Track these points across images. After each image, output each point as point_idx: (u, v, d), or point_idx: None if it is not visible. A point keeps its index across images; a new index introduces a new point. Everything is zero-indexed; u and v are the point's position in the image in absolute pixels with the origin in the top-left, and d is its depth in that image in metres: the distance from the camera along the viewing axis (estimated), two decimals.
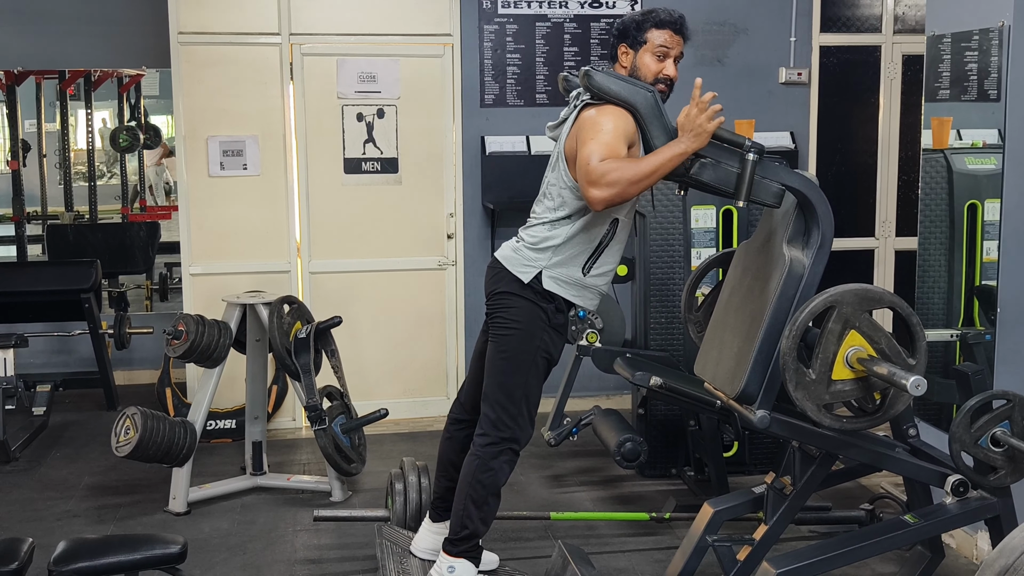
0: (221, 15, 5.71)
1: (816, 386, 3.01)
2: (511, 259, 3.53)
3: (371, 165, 5.94)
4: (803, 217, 3.27)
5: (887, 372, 2.92)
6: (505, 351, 3.53)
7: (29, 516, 4.66)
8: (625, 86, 3.31)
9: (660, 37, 3.48)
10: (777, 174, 3.26)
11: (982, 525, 3.57)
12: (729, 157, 3.24)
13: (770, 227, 3.39)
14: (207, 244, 5.82)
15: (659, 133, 3.29)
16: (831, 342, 3.00)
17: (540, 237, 3.48)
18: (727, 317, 3.47)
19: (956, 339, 4.35)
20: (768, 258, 3.31)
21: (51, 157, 8.39)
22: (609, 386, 5.99)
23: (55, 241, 7.52)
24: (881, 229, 6.39)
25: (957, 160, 4.37)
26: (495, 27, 5.95)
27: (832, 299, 3.01)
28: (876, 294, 3.06)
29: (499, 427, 3.49)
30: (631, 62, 3.50)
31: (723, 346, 3.40)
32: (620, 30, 3.53)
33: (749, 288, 3.37)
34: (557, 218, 3.46)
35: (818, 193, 3.25)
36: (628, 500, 4.79)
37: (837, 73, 6.26)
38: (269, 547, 4.32)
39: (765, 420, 3.16)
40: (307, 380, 4.70)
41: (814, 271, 3.21)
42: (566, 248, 3.46)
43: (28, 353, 6.26)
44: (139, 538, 3.07)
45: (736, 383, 3.21)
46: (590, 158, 3.21)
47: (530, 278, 3.47)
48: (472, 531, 3.51)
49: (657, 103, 3.30)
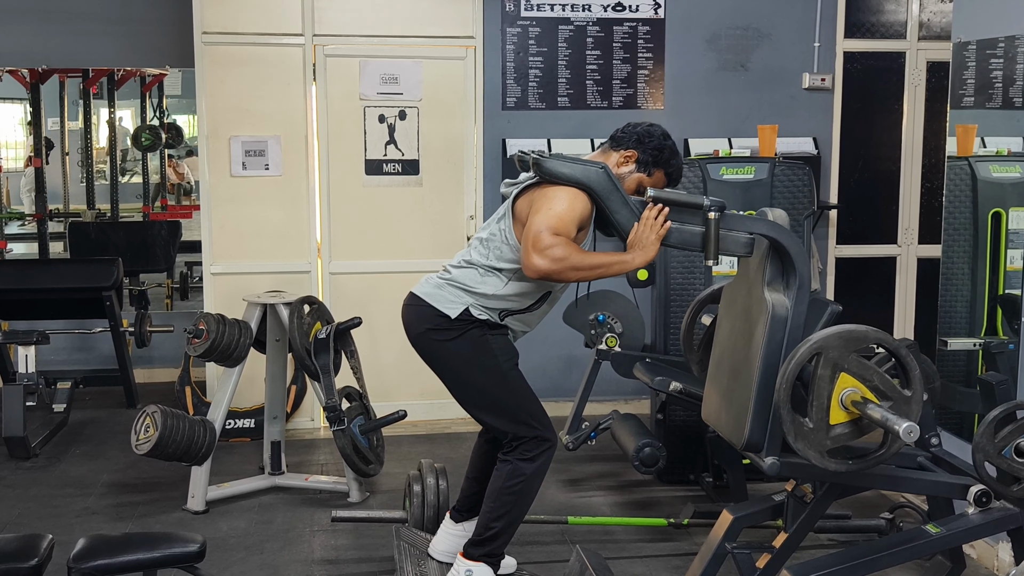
0: (245, 15, 5.73)
1: (816, 434, 3.00)
2: (435, 295, 3.50)
3: (392, 166, 5.95)
4: (778, 259, 3.26)
5: (880, 417, 2.91)
6: (471, 384, 3.54)
7: (48, 513, 4.68)
8: (577, 168, 3.31)
9: (659, 181, 3.51)
10: (743, 224, 3.26)
11: (1004, 536, 3.55)
12: (692, 217, 3.25)
13: (749, 271, 3.39)
14: (228, 243, 5.83)
15: (619, 207, 3.30)
16: (823, 388, 2.99)
17: (470, 281, 3.47)
18: (722, 361, 3.48)
19: (979, 348, 4.32)
20: (752, 301, 3.31)
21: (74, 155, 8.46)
22: (628, 391, 5.97)
23: (77, 239, 7.57)
24: (904, 236, 6.36)
25: (982, 168, 4.35)
26: (518, 30, 5.95)
27: (817, 346, 2.98)
28: (860, 334, 3.02)
29: (520, 436, 3.49)
30: (626, 170, 3.49)
31: (723, 393, 3.41)
32: (644, 141, 3.49)
33: (739, 332, 3.37)
34: (490, 267, 3.46)
35: (788, 235, 3.23)
36: (646, 505, 4.77)
37: (861, 79, 6.23)
38: (287, 547, 4.33)
39: (775, 467, 3.19)
40: (326, 380, 4.71)
41: (797, 311, 3.19)
42: (492, 301, 3.46)
43: (49, 350, 6.29)
44: (158, 536, 3.07)
45: (740, 434, 3.23)
46: (540, 227, 3.23)
47: (457, 313, 3.45)
48: (496, 534, 3.51)
49: (610, 178, 3.31)
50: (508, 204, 3.47)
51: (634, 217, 3.28)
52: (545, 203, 3.29)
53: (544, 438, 3.49)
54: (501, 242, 3.45)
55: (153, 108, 8.31)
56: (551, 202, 3.28)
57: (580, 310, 4.79)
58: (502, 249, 3.44)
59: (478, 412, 3.60)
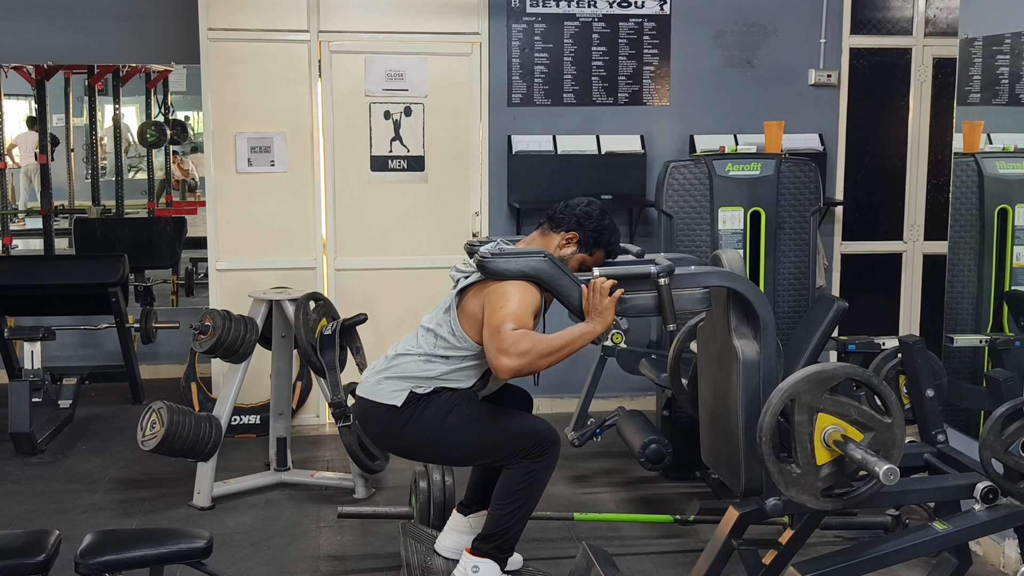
0: (251, 12, 5.72)
1: (805, 479, 3.02)
2: (377, 392, 3.53)
3: (398, 163, 5.95)
4: (740, 305, 3.27)
5: (860, 458, 2.93)
6: (458, 449, 3.54)
7: (55, 508, 4.69)
8: (520, 261, 3.33)
9: (599, 259, 3.55)
10: (695, 280, 3.28)
11: (1010, 533, 3.54)
12: (643, 284, 3.27)
13: (713, 316, 3.40)
14: (234, 240, 5.84)
15: (569, 290, 3.32)
16: (804, 432, 3.00)
17: (411, 370, 3.49)
18: (707, 403, 3.53)
19: (985, 344, 4.32)
20: (723, 347, 3.35)
21: (79, 151, 8.47)
22: (633, 387, 5.97)
23: (82, 235, 7.57)
24: (909, 233, 6.35)
25: (988, 164, 4.34)
26: (523, 26, 5.94)
27: (789, 393, 2.99)
28: (828, 373, 3.03)
29: (518, 456, 3.48)
30: (569, 251, 3.52)
31: (716, 440, 3.46)
32: (583, 222, 3.52)
33: (717, 378, 3.42)
34: (435, 355, 3.48)
35: (743, 282, 3.25)
36: (652, 502, 4.77)
37: (867, 75, 6.21)
38: (293, 543, 4.33)
39: (778, 508, 3.24)
40: (332, 377, 4.71)
41: (767, 354, 3.22)
42: (435, 381, 3.49)
43: (55, 346, 6.31)
44: (165, 532, 3.09)
45: (738, 481, 3.28)
46: (500, 327, 3.24)
47: (403, 400, 3.48)
48: (505, 531, 3.51)
49: (554, 263, 3.34)
50: (454, 294, 3.51)
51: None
52: (497, 301, 3.32)
53: (546, 441, 3.49)
54: (448, 333, 3.49)
55: (158, 104, 8.31)
56: (503, 299, 3.31)
57: None
58: (449, 340, 3.48)
59: (480, 463, 3.69)
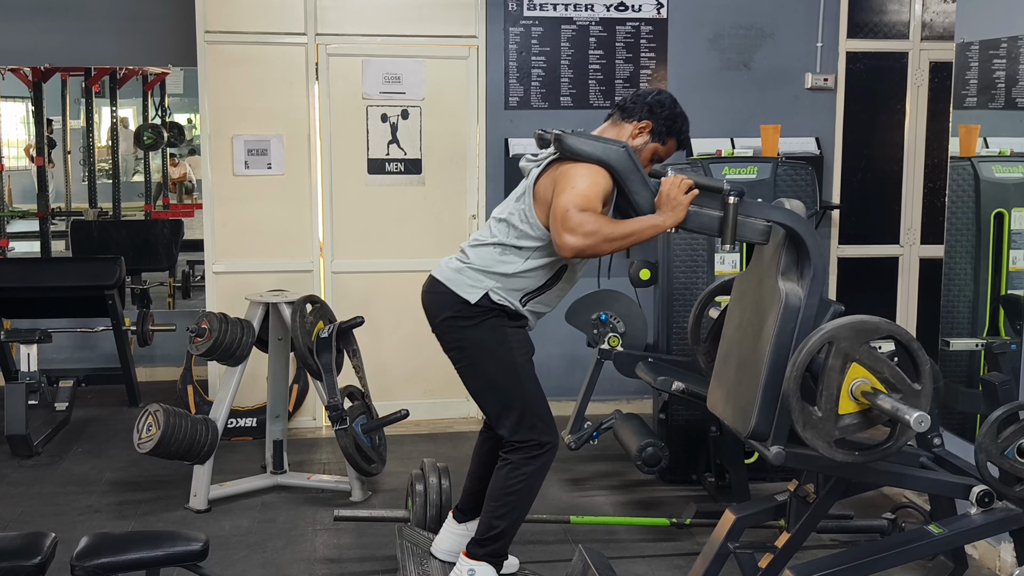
0: (248, 14, 5.72)
1: (824, 423, 2.99)
2: (455, 280, 3.50)
3: (395, 166, 5.95)
4: (794, 249, 3.25)
5: (890, 407, 2.91)
6: (483, 376, 3.54)
7: (51, 511, 4.68)
8: (598, 146, 3.30)
9: (670, 151, 3.53)
10: (760, 211, 3.25)
11: (1006, 536, 3.54)
12: (711, 201, 3.24)
13: (763, 260, 3.37)
14: (231, 242, 5.84)
15: (639, 188, 3.29)
16: (833, 378, 2.98)
17: (489, 260, 3.47)
18: (731, 350, 3.46)
19: (981, 348, 4.32)
20: (764, 291, 3.29)
21: (75, 154, 8.46)
22: (630, 390, 5.97)
23: (79, 237, 7.56)
24: (906, 236, 6.36)
25: (984, 168, 4.35)
26: (520, 29, 5.95)
27: (829, 335, 2.97)
28: (872, 324, 3.02)
29: (518, 433, 3.49)
30: (641, 141, 3.49)
31: (731, 382, 3.39)
32: (655, 110, 3.49)
33: (749, 322, 3.35)
34: (509, 245, 3.45)
35: (805, 225, 3.23)
36: (648, 505, 4.77)
37: (864, 79, 6.22)
38: (289, 546, 4.33)
39: (780, 456, 3.16)
40: (328, 379, 4.71)
41: (810, 303, 3.18)
42: (511, 280, 3.45)
43: (51, 349, 6.30)
44: (162, 534, 3.07)
45: (747, 422, 3.20)
46: (567, 205, 3.22)
47: (477, 298, 3.45)
48: (498, 534, 3.51)
49: (631, 158, 3.30)
50: (529, 183, 3.46)
51: (652, 198, 3.27)
52: (568, 182, 3.28)
53: (544, 442, 3.49)
54: (520, 221, 3.44)
55: (155, 107, 8.31)
56: (573, 180, 3.27)
57: (582, 309, 4.79)
58: (521, 228, 3.43)
59: (485, 404, 3.61)
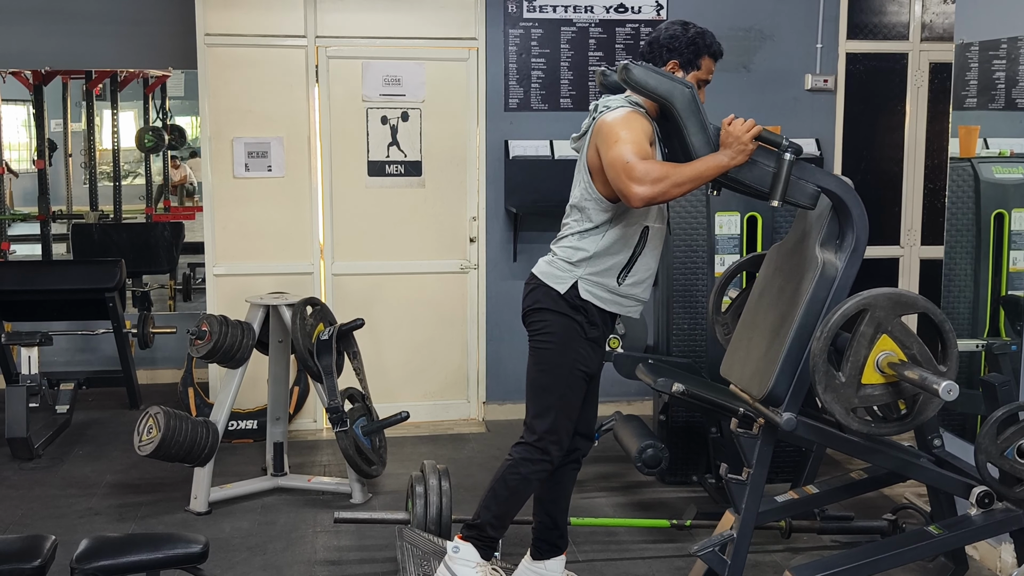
0: (248, 17, 5.73)
1: (845, 389, 2.98)
2: (547, 273, 3.52)
3: (395, 168, 5.95)
4: (837, 220, 3.24)
5: (919, 377, 2.89)
6: (541, 363, 3.54)
7: (51, 513, 4.68)
8: (664, 81, 3.26)
9: (710, 67, 3.49)
10: (813, 175, 3.23)
11: (1006, 537, 3.54)
12: (766, 156, 3.22)
13: (803, 229, 3.37)
14: (231, 245, 5.84)
15: (696, 129, 3.24)
16: (863, 345, 2.97)
17: (571, 249, 3.48)
18: (756, 318, 3.44)
19: (982, 349, 4.32)
20: (801, 259, 3.29)
21: (76, 157, 8.46)
22: (631, 392, 5.97)
23: (80, 240, 7.56)
24: (906, 237, 6.35)
25: (984, 169, 4.35)
26: (520, 31, 5.95)
27: (865, 302, 2.98)
28: (910, 299, 3.03)
29: (533, 430, 3.50)
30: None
31: (751, 347, 3.37)
32: (672, 46, 3.47)
33: (780, 289, 3.35)
34: (584, 229, 3.46)
35: (853, 196, 3.22)
36: (648, 506, 4.77)
37: (863, 80, 6.22)
38: (289, 548, 4.33)
39: (792, 422, 3.14)
40: (329, 382, 4.71)
41: (847, 274, 3.17)
42: (598, 260, 3.44)
43: (52, 351, 6.31)
44: (161, 537, 3.08)
45: (763, 384, 3.18)
46: (626, 157, 3.20)
47: (566, 288, 3.45)
48: (485, 523, 3.54)
49: (695, 99, 3.25)
50: (583, 163, 3.47)
51: (709, 143, 3.24)
52: (612, 135, 3.27)
53: (544, 450, 3.48)
54: (585, 200, 3.45)
55: (156, 109, 8.31)
56: (617, 132, 3.27)
57: None
58: (588, 207, 3.44)
59: (530, 387, 3.57)
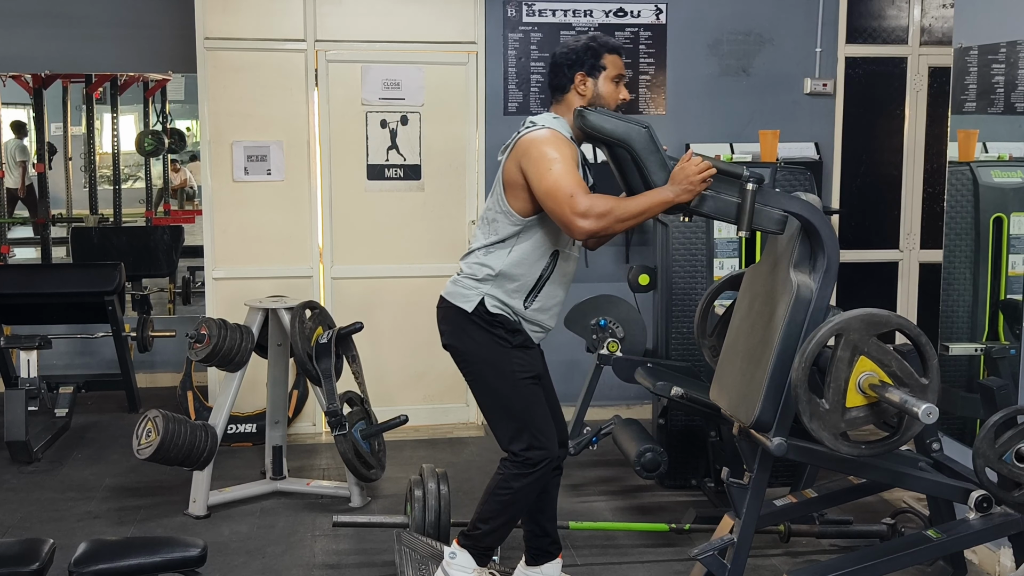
0: (247, 21, 5.73)
1: (831, 415, 2.99)
2: (453, 293, 3.49)
3: (394, 172, 5.95)
4: (808, 241, 3.25)
5: (899, 399, 2.90)
6: (485, 391, 3.54)
7: (50, 516, 4.68)
8: (619, 124, 3.29)
9: (616, 63, 3.47)
10: (778, 201, 3.24)
11: (1005, 541, 3.54)
12: (729, 187, 3.23)
13: (776, 251, 3.37)
14: (230, 248, 5.84)
15: (656, 168, 3.27)
16: (842, 369, 2.98)
17: (477, 265, 3.45)
18: (738, 343, 3.45)
19: (980, 353, 4.32)
20: (776, 282, 3.29)
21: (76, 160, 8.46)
22: (630, 396, 5.97)
23: (79, 244, 7.57)
24: (906, 241, 6.36)
25: (983, 173, 4.35)
26: (519, 35, 5.96)
27: (838, 327, 2.98)
28: (882, 318, 3.02)
29: (513, 452, 3.48)
30: (592, 90, 3.44)
31: (736, 372, 3.38)
32: (571, 60, 3.45)
33: (759, 313, 3.35)
34: (491, 243, 3.43)
35: (820, 217, 3.22)
36: (647, 510, 4.77)
37: (863, 84, 6.23)
38: (288, 551, 4.33)
39: (782, 448, 3.16)
40: (328, 385, 4.71)
41: (822, 295, 3.19)
42: (504, 280, 3.41)
43: (51, 355, 6.30)
44: (159, 540, 3.08)
45: (750, 411, 3.20)
46: (568, 189, 3.21)
47: (473, 306, 3.42)
48: (481, 534, 3.54)
49: (652, 138, 3.27)
50: (499, 175, 3.46)
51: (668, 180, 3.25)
52: (542, 161, 3.27)
53: (537, 461, 3.45)
54: (496, 212, 3.43)
55: (156, 113, 8.31)
56: (547, 156, 3.27)
57: (581, 315, 4.80)
58: (497, 220, 3.42)
59: (489, 416, 3.58)
